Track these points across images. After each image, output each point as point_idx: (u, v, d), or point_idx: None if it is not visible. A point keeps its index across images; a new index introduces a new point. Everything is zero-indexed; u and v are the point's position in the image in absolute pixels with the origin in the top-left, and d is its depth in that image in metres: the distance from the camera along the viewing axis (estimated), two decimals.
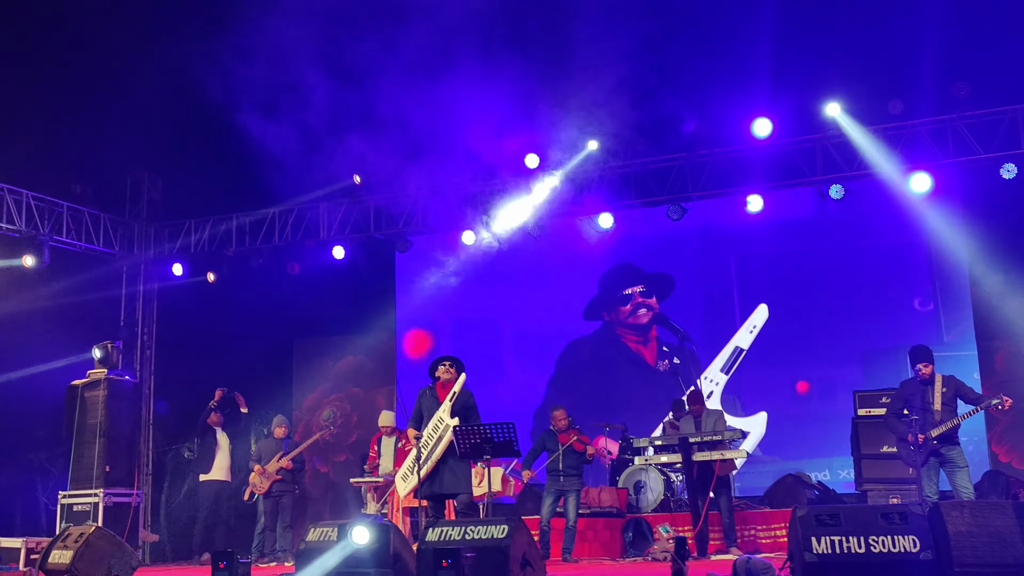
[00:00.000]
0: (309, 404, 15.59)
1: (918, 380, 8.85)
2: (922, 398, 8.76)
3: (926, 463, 8.66)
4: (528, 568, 7.31)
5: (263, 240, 14.35)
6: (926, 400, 8.73)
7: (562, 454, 10.09)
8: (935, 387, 8.77)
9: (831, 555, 6.47)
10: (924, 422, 8.69)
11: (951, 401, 8.68)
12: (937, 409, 8.66)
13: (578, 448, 10.20)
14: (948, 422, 8.56)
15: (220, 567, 7.51)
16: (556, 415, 10.35)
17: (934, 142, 11.67)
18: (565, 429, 10.26)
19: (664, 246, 14.01)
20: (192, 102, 11.79)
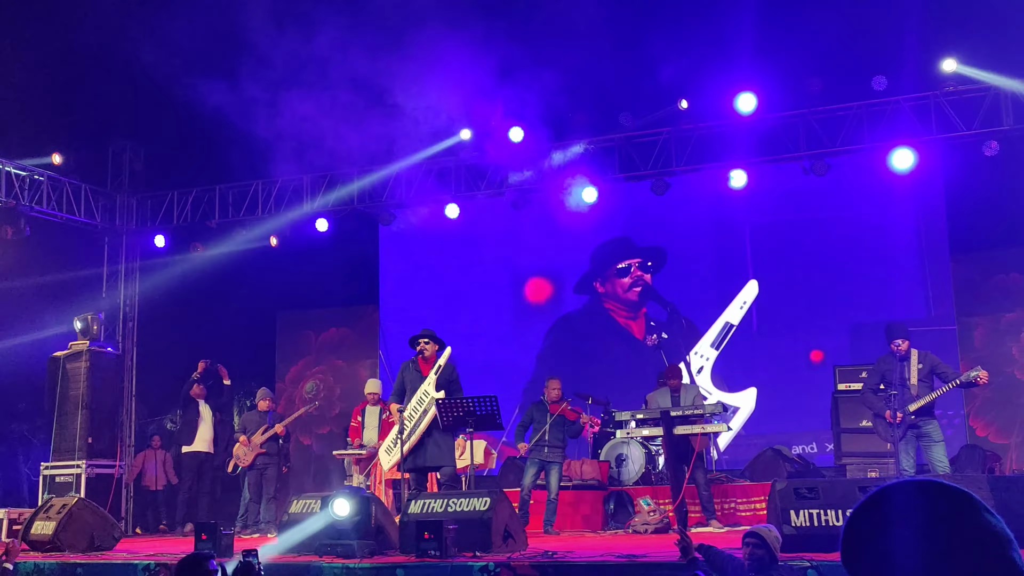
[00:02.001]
0: (292, 376, 15.59)
1: (895, 356, 8.92)
2: (899, 374, 8.83)
3: (903, 437, 8.74)
4: (510, 540, 7.37)
5: (246, 212, 14.29)
6: (903, 376, 8.80)
7: (549, 426, 10.13)
8: (912, 362, 8.83)
9: (809, 528, 6.56)
10: (901, 397, 8.76)
11: (927, 377, 8.75)
12: (914, 384, 8.73)
13: (570, 417, 10.23)
14: (925, 397, 8.64)
15: (203, 538, 7.55)
16: (551, 384, 10.37)
17: (917, 119, 11.70)
18: (557, 400, 10.30)
19: (654, 220, 14.01)
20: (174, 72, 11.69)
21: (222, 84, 11.47)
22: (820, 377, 12.56)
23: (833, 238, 13.21)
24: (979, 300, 12.58)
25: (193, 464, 12.35)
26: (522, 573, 6.41)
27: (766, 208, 13.49)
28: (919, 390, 8.67)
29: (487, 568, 6.46)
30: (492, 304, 14.73)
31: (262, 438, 11.61)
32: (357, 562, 6.85)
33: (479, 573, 6.47)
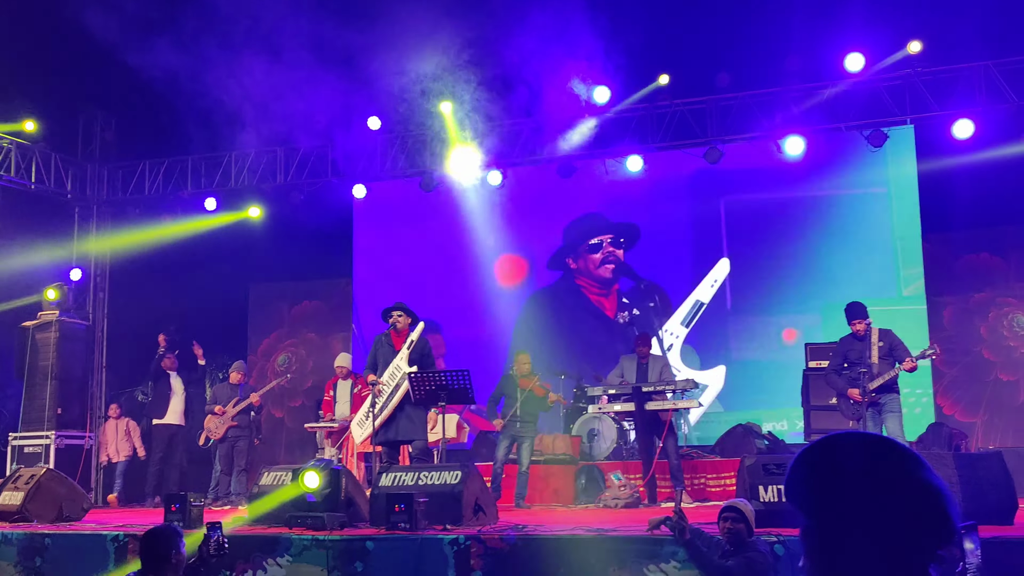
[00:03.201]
0: (264, 349, 15.52)
1: (855, 336, 9.02)
2: (859, 353, 8.93)
3: (866, 415, 8.86)
4: (480, 513, 7.39)
5: (219, 183, 14.17)
6: (863, 355, 8.90)
7: (521, 400, 10.15)
8: (872, 341, 8.93)
9: (777, 503, 6.61)
10: (860, 376, 8.86)
11: (887, 355, 8.85)
12: (874, 362, 8.83)
13: (539, 393, 10.26)
14: (885, 375, 8.74)
15: (172, 510, 7.52)
16: (520, 359, 10.39)
17: (891, 97, 11.74)
18: (527, 374, 10.31)
19: (627, 197, 14.00)
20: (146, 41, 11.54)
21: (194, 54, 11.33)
22: (791, 355, 12.64)
23: (806, 217, 13.26)
24: (949, 280, 12.68)
25: (164, 436, 12.29)
26: (492, 546, 6.43)
27: (740, 186, 13.51)
28: (880, 368, 8.77)
29: (457, 541, 6.48)
30: (466, 279, 14.69)
31: (234, 410, 11.58)
32: (327, 534, 6.85)
33: (449, 546, 6.49)
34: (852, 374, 8.89)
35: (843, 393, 8.95)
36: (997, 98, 11.31)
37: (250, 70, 11.54)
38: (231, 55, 11.42)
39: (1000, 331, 12.40)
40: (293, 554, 6.82)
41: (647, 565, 6.08)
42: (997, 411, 12.21)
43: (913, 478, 1.56)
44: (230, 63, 11.48)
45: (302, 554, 6.80)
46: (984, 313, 12.48)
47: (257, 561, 6.89)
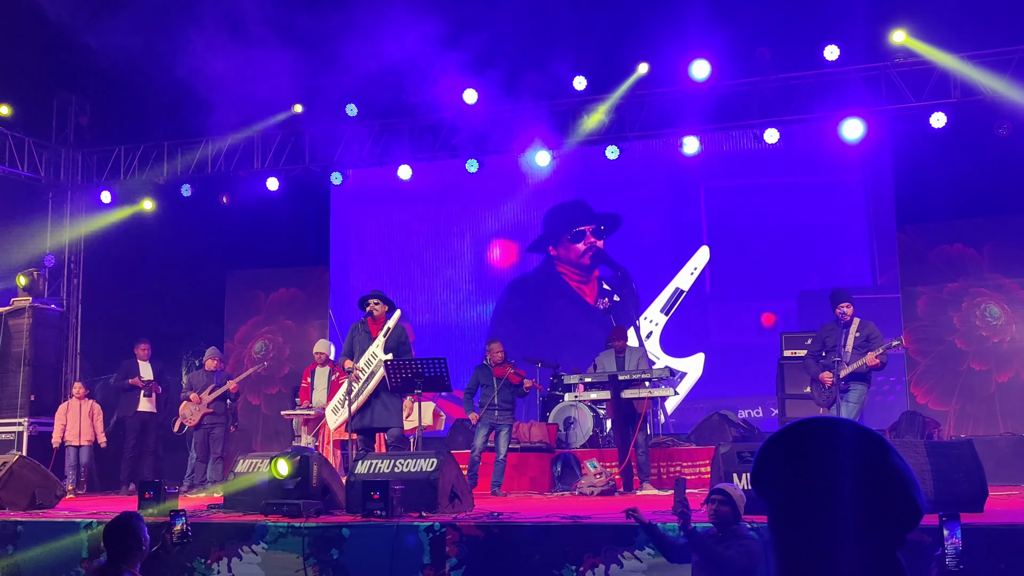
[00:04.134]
0: (241, 336, 15.46)
1: (838, 322, 9.09)
2: (836, 340, 9.01)
3: (835, 403, 8.95)
4: (456, 500, 7.40)
5: (195, 169, 14.07)
6: (839, 342, 8.98)
7: (497, 389, 10.16)
8: (851, 330, 9.02)
9: (751, 490, 6.65)
10: (834, 364, 8.94)
11: (862, 345, 8.93)
12: (848, 351, 8.92)
13: (514, 381, 10.27)
14: (854, 363, 8.83)
15: (147, 497, 7.49)
16: (493, 347, 10.41)
17: (867, 89, 11.80)
18: (500, 363, 10.33)
19: (609, 185, 14.01)
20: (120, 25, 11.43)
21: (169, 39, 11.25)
22: (767, 343, 12.73)
23: (784, 206, 13.32)
24: (923, 270, 12.79)
25: (136, 424, 12.20)
26: (468, 533, 6.45)
27: (719, 174, 13.56)
28: (852, 357, 8.86)
29: (433, 528, 6.49)
30: (443, 267, 14.70)
31: (210, 397, 11.53)
32: (303, 522, 6.84)
33: (425, 533, 6.50)
34: (827, 361, 8.98)
35: (816, 378, 9.04)
36: (971, 91, 11.38)
37: (227, 56, 11.46)
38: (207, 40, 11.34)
39: (973, 321, 12.51)
40: (268, 541, 6.81)
41: (622, 552, 6.12)
42: (969, 400, 12.34)
43: (879, 463, 1.56)
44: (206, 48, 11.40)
45: (277, 541, 6.79)
46: (957, 303, 12.59)
47: (232, 548, 6.87)
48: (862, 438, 1.59)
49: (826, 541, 1.54)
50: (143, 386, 12.06)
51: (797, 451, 1.61)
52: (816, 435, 1.61)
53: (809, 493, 1.56)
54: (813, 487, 1.56)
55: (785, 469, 1.60)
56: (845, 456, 1.56)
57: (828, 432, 1.61)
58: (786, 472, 1.60)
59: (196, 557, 6.85)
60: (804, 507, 1.56)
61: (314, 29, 11.42)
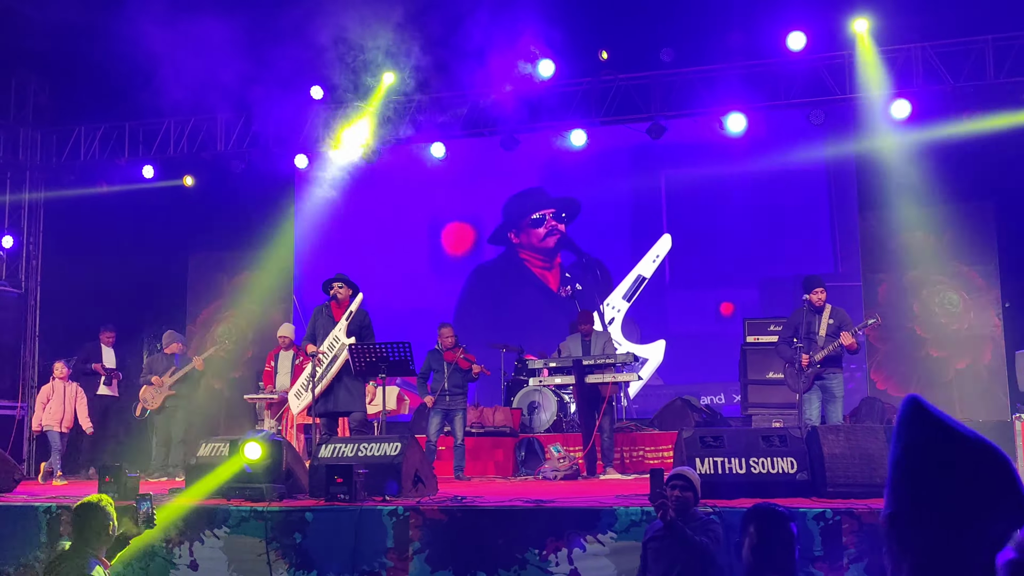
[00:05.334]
0: (203, 320, 15.33)
1: (810, 308, 9.18)
2: (809, 326, 9.10)
3: (810, 388, 9.03)
4: (420, 484, 7.41)
5: (157, 150, 13.90)
6: (812, 328, 9.08)
7: (448, 374, 10.16)
8: (823, 315, 9.12)
9: (713, 475, 6.71)
10: (809, 348, 9.04)
11: (835, 332, 9.04)
12: (821, 335, 9.02)
13: (463, 366, 10.26)
14: (829, 346, 8.93)
15: (107, 481, 7.42)
16: (443, 332, 10.39)
17: (832, 77, 11.87)
18: (451, 347, 10.32)
19: (567, 172, 14.02)
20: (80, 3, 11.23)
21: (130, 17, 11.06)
22: (729, 330, 12.83)
23: (745, 194, 13.41)
24: (884, 257, 12.93)
25: (97, 408, 12.07)
26: (431, 517, 6.45)
27: (681, 162, 13.60)
28: (825, 341, 8.96)
29: (396, 512, 6.49)
30: (409, 251, 14.66)
31: (172, 380, 11.43)
32: (266, 506, 6.82)
33: (388, 517, 6.50)
34: (800, 346, 9.08)
35: (790, 362, 9.13)
36: (933, 79, 11.50)
37: (190, 36, 11.31)
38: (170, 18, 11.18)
39: (932, 308, 12.68)
40: (231, 525, 6.78)
41: (584, 536, 6.16)
42: (928, 386, 12.50)
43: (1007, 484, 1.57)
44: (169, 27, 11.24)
45: (240, 525, 6.76)
46: (917, 290, 12.75)
47: (194, 532, 6.84)
48: (997, 463, 1.60)
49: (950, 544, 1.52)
50: (104, 374, 11.92)
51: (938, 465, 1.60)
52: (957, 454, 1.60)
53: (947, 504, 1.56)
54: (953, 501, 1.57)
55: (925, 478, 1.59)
56: (982, 478, 1.57)
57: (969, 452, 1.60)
58: (925, 481, 1.59)
59: (159, 541, 6.81)
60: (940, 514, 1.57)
61: (281, 11, 11.31)
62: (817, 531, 5.85)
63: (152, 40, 11.21)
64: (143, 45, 11.18)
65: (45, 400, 11.38)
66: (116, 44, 11.14)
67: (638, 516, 6.08)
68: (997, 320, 12.40)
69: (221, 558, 6.76)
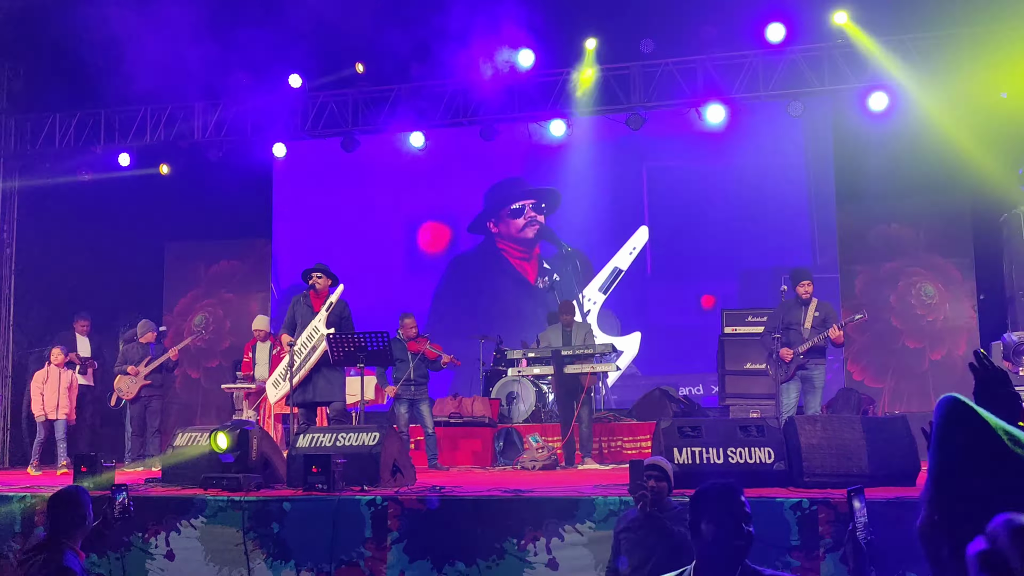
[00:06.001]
0: (180, 309, 15.24)
1: (798, 300, 9.24)
2: (795, 317, 9.17)
3: (791, 378, 9.09)
4: (398, 474, 7.40)
5: (134, 138, 13.76)
6: (799, 320, 9.14)
7: (413, 364, 10.13)
8: (810, 308, 9.17)
9: (691, 465, 6.73)
10: (794, 340, 9.09)
11: (820, 325, 9.10)
12: (807, 327, 9.08)
13: (431, 356, 10.23)
14: (814, 338, 8.99)
15: (83, 471, 7.37)
16: (406, 323, 10.35)
17: (810, 69, 11.90)
18: (414, 337, 10.29)
19: (548, 162, 14.00)
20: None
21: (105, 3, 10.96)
22: (708, 321, 12.87)
23: (725, 185, 13.43)
24: (861, 249, 13.00)
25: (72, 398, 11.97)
26: (409, 507, 6.45)
27: (660, 153, 13.61)
28: (811, 334, 9.02)
29: (374, 502, 6.48)
30: (387, 241, 14.61)
31: (147, 369, 11.36)
32: (243, 495, 6.79)
33: (366, 507, 6.48)
34: (786, 338, 9.13)
35: (774, 354, 9.18)
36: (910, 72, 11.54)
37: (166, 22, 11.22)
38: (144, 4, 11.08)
39: (908, 300, 12.77)
40: (208, 515, 6.75)
41: (563, 525, 6.16)
42: (903, 377, 12.60)
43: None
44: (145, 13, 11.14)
45: (217, 515, 6.73)
46: (894, 282, 12.83)
47: (170, 523, 6.81)
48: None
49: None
50: (79, 363, 11.81)
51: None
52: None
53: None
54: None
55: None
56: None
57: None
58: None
59: (134, 532, 6.77)
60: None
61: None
62: (794, 521, 5.88)
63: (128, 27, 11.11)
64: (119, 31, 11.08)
65: (40, 388, 11.18)
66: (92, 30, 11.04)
67: (616, 506, 6.10)
68: (972, 312, 12.50)
69: (198, 548, 6.73)
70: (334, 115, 13.40)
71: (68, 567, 4.73)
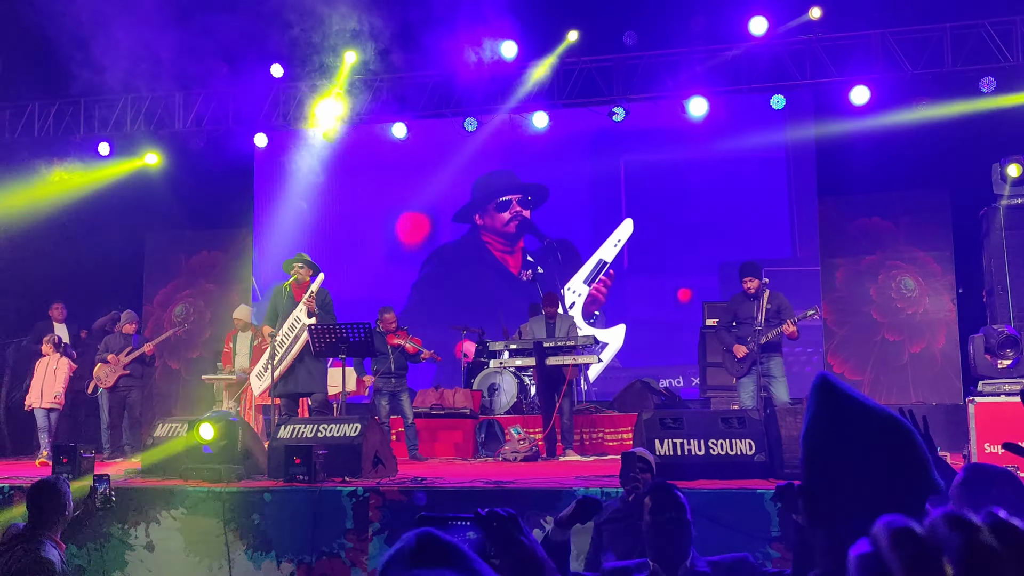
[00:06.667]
0: (160, 300, 15.16)
1: (746, 294, 9.26)
2: (748, 312, 9.18)
3: (748, 373, 9.12)
4: (380, 466, 7.39)
5: (113, 127, 13.67)
6: (751, 314, 9.15)
7: (393, 356, 10.12)
8: (761, 301, 9.18)
9: (673, 456, 6.76)
10: (748, 334, 9.11)
11: (773, 316, 9.11)
12: (760, 321, 9.09)
13: (410, 351, 10.23)
14: (768, 333, 9.01)
15: (63, 461, 7.33)
16: (386, 317, 10.33)
17: (793, 63, 11.94)
18: (393, 331, 10.28)
19: (537, 154, 13.97)
20: None
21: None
22: (688, 313, 12.91)
23: (706, 178, 13.45)
24: (842, 242, 13.06)
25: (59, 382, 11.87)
26: (391, 498, 6.44)
27: (642, 146, 13.61)
28: (764, 328, 9.04)
29: (356, 493, 6.48)
30: (369, 232, 14.56)
31: (127, 359, 11.29)
32: (224, 486, 6.77)
33: (348, 498, 6.48)
34: (740, 332, 9.16)
35: (729, 349, 9.21)
36: (892, 66, 11.60)
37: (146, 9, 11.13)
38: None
39: (888, 293, 12.84)
40: (188, 506, 6.73)
41: (544, 517, 6.17)
42: (883, 369, 12.68)
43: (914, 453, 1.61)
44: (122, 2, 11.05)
45: (198, 506, 6.71)
46: (874, 275, 12.90)
47: (150, 514, 6.78)
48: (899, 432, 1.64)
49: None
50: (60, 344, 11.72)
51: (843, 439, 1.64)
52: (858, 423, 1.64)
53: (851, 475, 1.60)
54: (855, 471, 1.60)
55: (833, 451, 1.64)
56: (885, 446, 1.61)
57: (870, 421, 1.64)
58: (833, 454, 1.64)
59: (114, 523, 6.74)
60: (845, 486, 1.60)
61: None
62: (774, 512, 5.92)
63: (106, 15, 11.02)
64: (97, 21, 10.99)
65: (35, 376, 11.01)
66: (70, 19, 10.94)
67: (598, 497, 6.11)
68: (952, 305, 12.59)
69: (178, 539, 6.70)
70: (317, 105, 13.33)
71: (47, 558, 4.71)
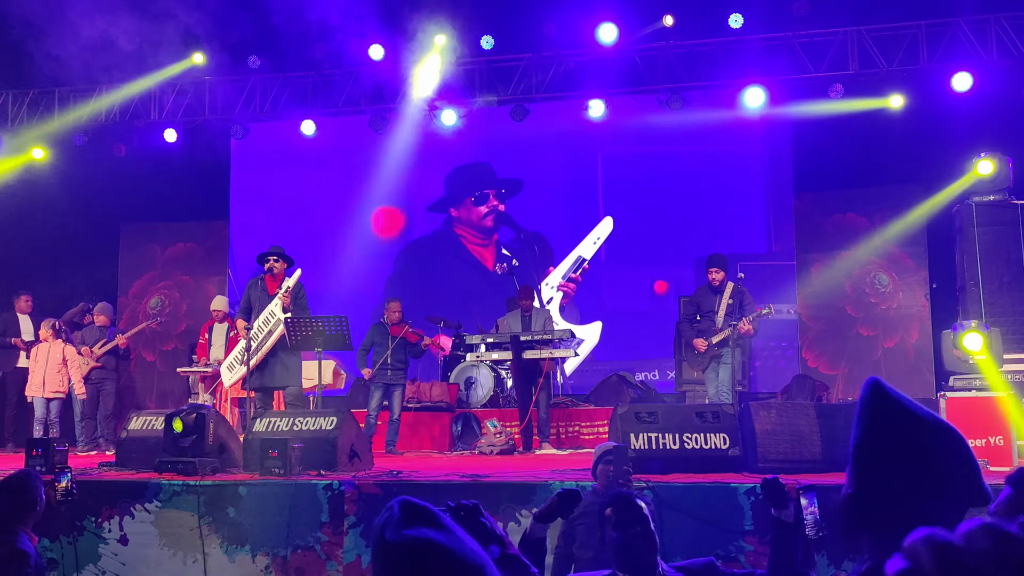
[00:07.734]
0: (135, 291, 15.05)
1: (710, 287, 9.30)
2: (710, 305, 9.23)
3: (708, 367, 9.18)
4: (355, 459, 7.39)
5: (89, 118, 13.54)
6: (712, 307, 9.20)
7: (391, 349, 10.14)
8: (724, 295, 9.22)
9: (648, 450, 6.79)
10: (708, 328, 9.16)
11: (734, 311, 9.15)
12: (720, 316, 9.13)
13: (412, 339, 10.26)
14: (724, 331, 9.06)
15: (35, 454, 7.27)
16: (391, 307, 10.39)
17: (769, 57, 11.99)
18: (398, 322, 10.31)
19: (512, 147, 13.98)
20: None
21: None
22: (664, 308, 12.96)
23: (682, 172, 13.51)
24: (818, 237, 13.14)
25: (18, 380, 11.76)
26: (367, 492, 6.44)
27: (619, 140, 13.64)
28: (723, 322, 9.08)
29: (332, 487, 6.47)
30: (344, 225, 14.51)
31: (100, 351, 11.22)
32: (198, 479, 6.74)
33: (323, 492, 6.47)
34: (701, 326, 9.19)
35: (690, 343, 9.27)
36: (868, 63, 11.67)
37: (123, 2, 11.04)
38: None
39: (863, 288, 12.93)
40: (162, 500, 6.70)
41: (519, 510, 6.19)
42: (857, 364, 12.77)
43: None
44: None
45: (172, 500, 6.68)
46: (849, 271, 12.99)
47: (124, 507, 6.74)
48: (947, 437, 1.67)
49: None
50: (24, 347, 11.59)
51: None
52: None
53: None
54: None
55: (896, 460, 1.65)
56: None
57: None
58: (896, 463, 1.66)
59: (87, 516, 6.70)
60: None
61: None
62: (748, 506, 5.95)
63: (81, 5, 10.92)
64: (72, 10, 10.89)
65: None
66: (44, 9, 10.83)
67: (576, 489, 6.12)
68: (925, 300, 12.69)
69: (152, 532, 6.67)
70: (293, 98, 13.28)
71: (23, 550, 4.69)
